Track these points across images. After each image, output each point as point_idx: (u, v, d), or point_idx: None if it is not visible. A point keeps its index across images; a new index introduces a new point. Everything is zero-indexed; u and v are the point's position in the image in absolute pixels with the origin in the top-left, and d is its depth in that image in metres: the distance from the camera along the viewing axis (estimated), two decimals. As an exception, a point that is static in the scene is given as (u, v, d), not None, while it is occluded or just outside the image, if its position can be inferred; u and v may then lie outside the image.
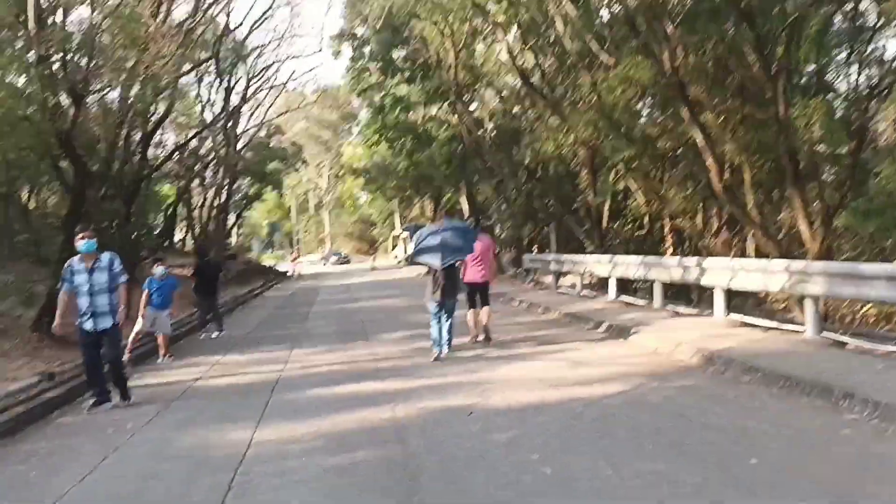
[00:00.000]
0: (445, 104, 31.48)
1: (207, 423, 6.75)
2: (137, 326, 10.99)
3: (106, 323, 7.50)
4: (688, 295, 15.80)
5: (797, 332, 8.85)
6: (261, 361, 10.46)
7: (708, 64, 14.52)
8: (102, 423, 7.15)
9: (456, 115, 30.97)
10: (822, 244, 11.51)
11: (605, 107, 14.87)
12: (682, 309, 12.00)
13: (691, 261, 11.12)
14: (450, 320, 9.29)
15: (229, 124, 30.72)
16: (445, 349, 9.25)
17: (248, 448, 5.71)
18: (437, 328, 9.22)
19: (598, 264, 14.91)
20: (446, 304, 9.15)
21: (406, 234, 55.39)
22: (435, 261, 9.06)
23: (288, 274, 43.52)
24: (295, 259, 50.68)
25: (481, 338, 10.10)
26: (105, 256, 7.63)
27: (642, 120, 16.43)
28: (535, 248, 27.04)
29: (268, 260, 57.68)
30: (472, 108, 30.29)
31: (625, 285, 15.00)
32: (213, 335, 14.06)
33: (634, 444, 5.04)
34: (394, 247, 62.27)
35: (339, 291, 26.53)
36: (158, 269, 11.17)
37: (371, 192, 57.73)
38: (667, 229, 20.00)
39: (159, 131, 23.61)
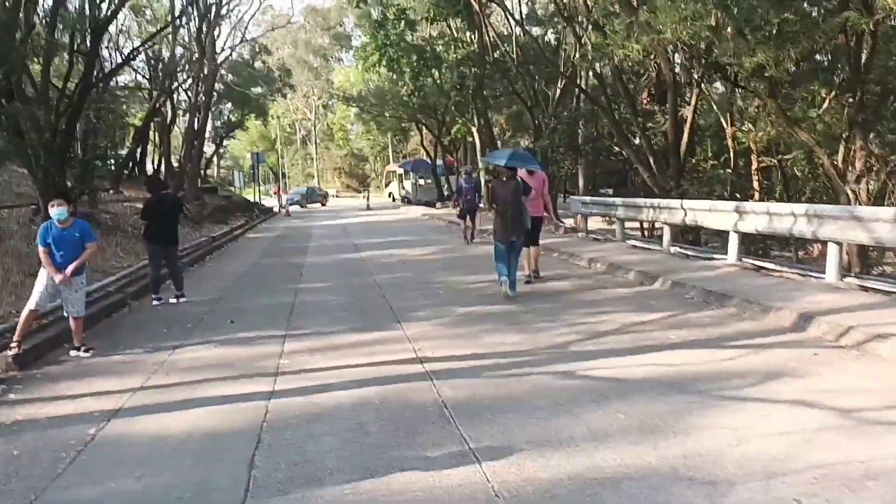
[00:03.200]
0: (458, 18, 26.80)
1: None
2: (32, 302, 6.81)
3: None
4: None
5: None
6: (233, 366, 6.31)
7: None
8: None
9: (470, 32, 26.29)
10: None
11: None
12: (873, 283, 7.94)
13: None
14: (518, 257, 9.10)
15: (204, 32, 25.68)
16: (512, 290, 8.77)
17: None
18: (504, 266, 8.80)
19: (708, 213, 10.67)
20: (516, 242, 8.92)
21: (402, 170, 50.63)
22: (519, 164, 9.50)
23: (274, 210, 39.44)
24: (276, 193, 46.83)
25: (531, 276, 9.95)
26: None
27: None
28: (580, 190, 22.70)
29: (252, 195, 52.77)
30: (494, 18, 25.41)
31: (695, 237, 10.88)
32: (171, 300, 10.02)
33: None
34: (387, 184, 57.40)
35: (335, 235, 22.29)
36: (56, 210, 6.82)
37: (364, 122, 52.77)
38: (754, 167, 15.87)
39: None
